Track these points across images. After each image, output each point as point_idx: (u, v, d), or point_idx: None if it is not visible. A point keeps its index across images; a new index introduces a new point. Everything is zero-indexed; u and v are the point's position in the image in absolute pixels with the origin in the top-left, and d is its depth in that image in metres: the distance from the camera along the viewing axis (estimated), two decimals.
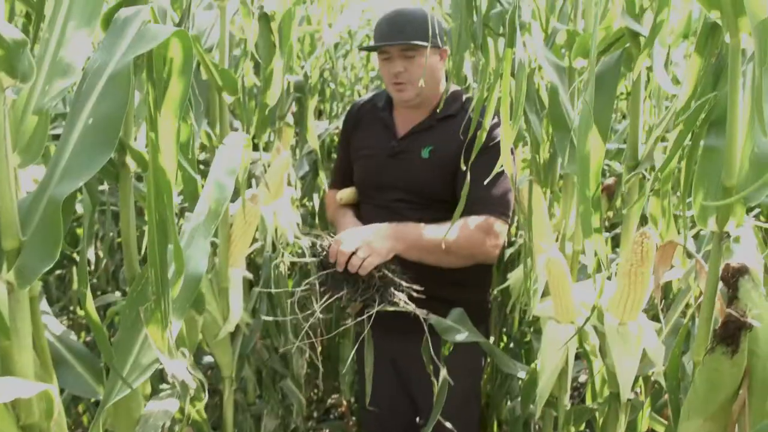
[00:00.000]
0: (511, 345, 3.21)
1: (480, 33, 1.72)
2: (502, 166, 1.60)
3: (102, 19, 1.31)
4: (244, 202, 1.72)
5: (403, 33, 2.36)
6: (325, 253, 2.04)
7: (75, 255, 3.45)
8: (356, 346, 2.29)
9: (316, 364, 3.53)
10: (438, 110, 2.47)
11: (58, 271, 3.66)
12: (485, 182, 1.90)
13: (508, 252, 2.90)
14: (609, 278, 1.80)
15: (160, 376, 2.16)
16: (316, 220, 3.61)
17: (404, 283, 2.01)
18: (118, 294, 3.19)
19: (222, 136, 2.02)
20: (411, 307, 1.95)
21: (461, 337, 2.00)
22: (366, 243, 2.01)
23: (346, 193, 2.68)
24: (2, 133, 1.05)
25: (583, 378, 3.74)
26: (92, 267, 3.44)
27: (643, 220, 1.99)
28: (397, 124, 2.57)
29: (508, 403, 2.95)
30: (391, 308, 1.96)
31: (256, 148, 2.53)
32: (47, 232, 1.10)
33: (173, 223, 1.09)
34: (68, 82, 1.12)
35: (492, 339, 3.01)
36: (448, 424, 1.98)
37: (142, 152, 1.49)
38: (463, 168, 1.83)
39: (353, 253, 1.99)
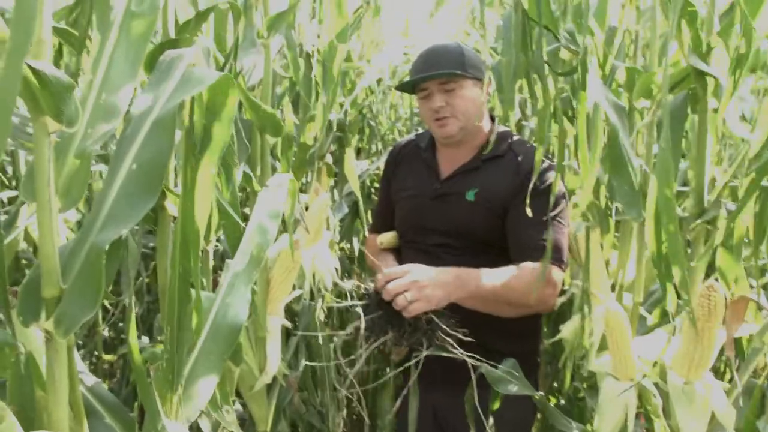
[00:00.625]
0: (562, 401, 3.15)
1: (542, 68, 1.73)
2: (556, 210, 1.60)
3: (145, 61, 1.35)
4: (291, 246, 1.73)
5: (439, 65, 2.39)
6: (369, 296, 2.05)
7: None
8: (399, 398, 2.27)
9: (354, 419, 3.51)
10: (485, 150, 2.48)
11: None
12: (539, 226, 1.89)
13: (560, 301, 2.87)
14: (673, 333, 1.78)
15: (197, 429, 2.17)
16: (355, 265, 3.62)
17: (451, 325, 2.00)
18: (146, 339, 3.22)
19: (263, 179, 2.04)
20: (458, 352, 1.94)
21: (513, 388, 1.97)
22: (418, 286, 1.99)
23: (387, 237, 2.69)
24: (46, 178, 1.07)
25: None
26: (116, 310, 3.49)
27: (708, 269, 1.96)
28: (440, 164, 2.59)
29: None
30: (439, 353, 1.95)
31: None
32: (88, 280, 1.12)
33: (198, 278, 1.10)
34: (111, 126, 1.15)
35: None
36: None
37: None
38: (530, 213, 1.83)
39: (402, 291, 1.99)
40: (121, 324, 3.79)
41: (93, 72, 1.19)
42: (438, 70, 2.39)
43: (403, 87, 2.59)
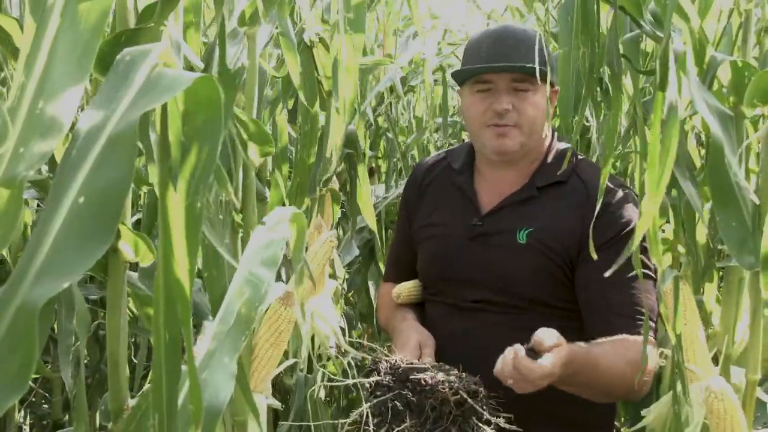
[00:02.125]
0: None
1: (618, 64, 1.72)
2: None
3: (97, 60, 1.36)
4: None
5: (518, 56, 2.33)
6: (379, 369, 2.05)
7: None
8: None
9: None
10: (537, 171, 2.45)
11: None
12: (626, 283, 1.86)
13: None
14: None
15: None
16: (368, 324, 3.60)
17: (488, 408, 1.99)
18: None
19: (247, 210, 2.04)
20: None
21: None
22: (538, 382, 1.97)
23: (406, 288, 2.66)
24: None
25: None
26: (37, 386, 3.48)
27: None
28: (480, 193, 2.54)
29: None
30: None
31: None
32: (16, 350, 1.11)
33: (192, 348, 1.09)
34: (51, 145, 1.15)
35: None
36: None
37: (143, 234, 1.51)
38: (594, 257, 1.81)
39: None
40: (45, 405, 3.77)
41: (26, 72, 1.19)
42: (516, 62, 2.32)
43: (459, 75, 2.52)
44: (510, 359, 1.97)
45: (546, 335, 2.00)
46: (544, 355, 1.97)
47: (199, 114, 1.11)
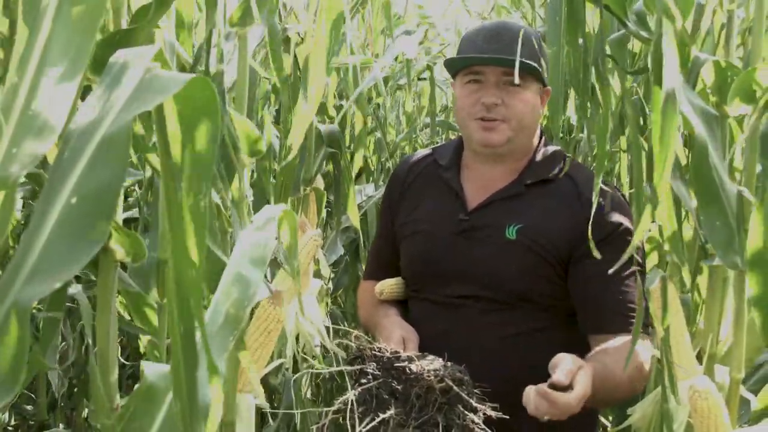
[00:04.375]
0: None
1: (603, 65, 1.73)
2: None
3: (91, 61, 1.36)
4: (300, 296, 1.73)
5: (510, 51, 2.25)
6: (363, 357, 2.06)
7: None
8: None
9: None
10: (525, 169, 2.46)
11: None
12: (626, 283, 1.87)
13: None
14: None
15: None
16: (354, 324, 3.61)
17: (474, 396, 2.00)
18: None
19: (239, 210, 2.05)
20: None
21: None
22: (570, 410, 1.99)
23: (389, 285, 2.64)
24: None
25: None
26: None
27: None
28: (466, 189, 2.54)
29: None
30: None
31: None
32: (8, 352, 1.11)
33: (206, 335, 1.10)
34: (44, 145, 1.15)
35: None
36: None
37: (133, 234, 1.52)
38: (594, 255, 1.82)
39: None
40: (30, 406, 3.76)
41: (19, 72, 1.20)
42: (509, 54, 2.26)
43: (451, 64, 2.54)
44: (533, 396, 1.98)
45: (565, 362, 2.02)
46: (574, 379, 1.99)
47: (195, 114, 1.12)
